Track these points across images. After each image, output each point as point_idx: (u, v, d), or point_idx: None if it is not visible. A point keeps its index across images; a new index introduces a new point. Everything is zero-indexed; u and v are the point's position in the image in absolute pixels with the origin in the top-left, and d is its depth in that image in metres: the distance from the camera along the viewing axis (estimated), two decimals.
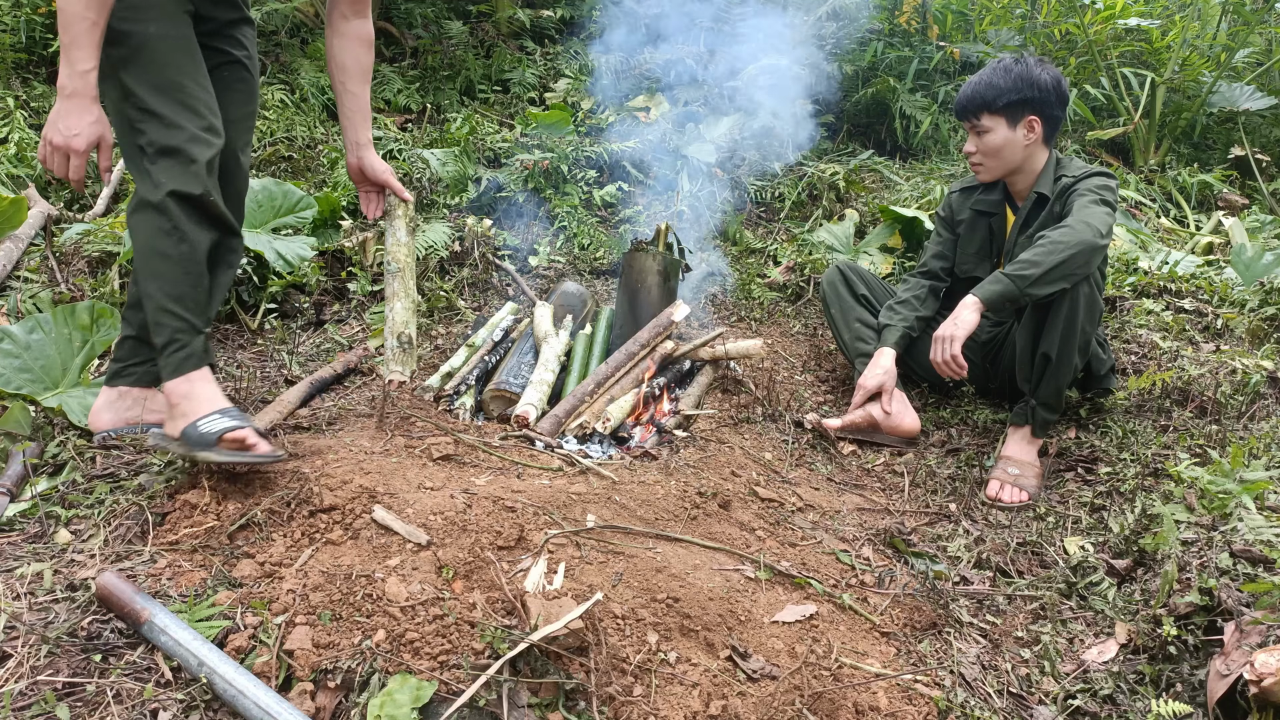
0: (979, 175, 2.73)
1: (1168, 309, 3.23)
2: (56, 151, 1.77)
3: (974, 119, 2.62)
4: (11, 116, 3.99)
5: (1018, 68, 2.56)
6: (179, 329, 1.85)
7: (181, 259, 1.85)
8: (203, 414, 1.81)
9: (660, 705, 1.41)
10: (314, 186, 3.97)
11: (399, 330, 2.42)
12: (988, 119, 2.59)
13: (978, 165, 2.70)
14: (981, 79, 2.60)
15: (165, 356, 1.86)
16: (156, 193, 1.81)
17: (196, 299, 1.88)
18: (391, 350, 2.43)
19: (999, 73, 2.57)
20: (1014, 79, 2.54)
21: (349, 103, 2.29)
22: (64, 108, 1.75)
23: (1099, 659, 1.73)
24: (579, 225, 4.03)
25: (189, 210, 1.85)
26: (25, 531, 1.79)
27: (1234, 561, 1.74)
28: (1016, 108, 2.56)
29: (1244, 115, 5.15)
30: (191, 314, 1.87)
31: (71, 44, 1.71)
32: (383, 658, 1.41)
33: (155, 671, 1.41)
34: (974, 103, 2.60)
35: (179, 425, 1.82)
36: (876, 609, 1.86)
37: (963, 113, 2.65)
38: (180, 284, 1.85)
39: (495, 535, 1.71)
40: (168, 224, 1.83)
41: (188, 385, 1.85)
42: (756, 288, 3.74)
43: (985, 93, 2.57)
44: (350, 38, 2.22)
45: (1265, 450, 2.22)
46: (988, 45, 5.15)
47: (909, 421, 2.70)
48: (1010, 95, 2.54)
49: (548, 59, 5.44)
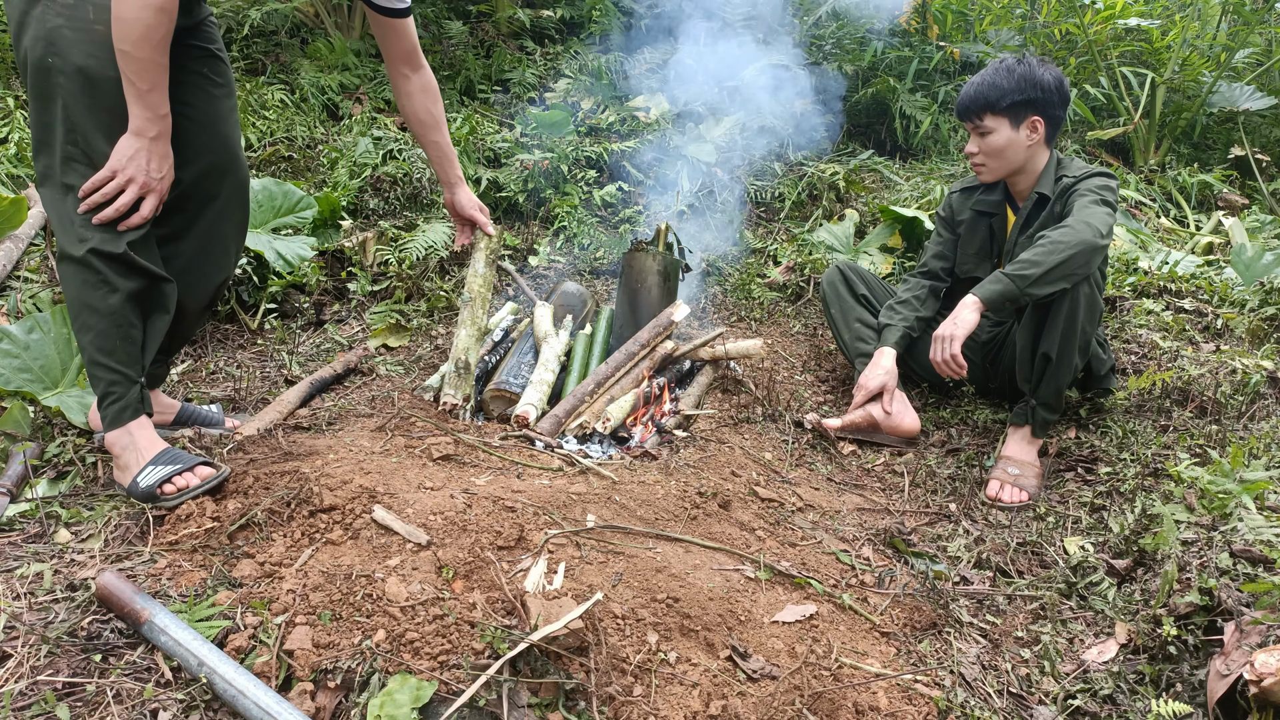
0: (981, 176, 2.72)
1: (1168, 309, 3.23)
2: (134, 187, 1.78)
3: (976, 120, 2.61)
4: (11, 116, 3.99)
5: (1020, 68, 2.55)
6: (113, 381, 1.84)
7: (110, 312, 1.82)
8: (141, 465, 1.84)
9: (660, 705, 1.41)
10: (314, 186, 3.97)
11: (458, 355, 2.55)
12: (990, 120, 2.58)
13: (980, 166, 2.69)
14: (984, 79, 2.58)
15: (103, 409, 1.86)
16: (79, 248, 1.78)
17: (129, 351, 1.85)
18: (447, 375, 2.56)
19: (1001, 73, 2.56)
20: (1017, 79, 2.53)
21: (433, 151, 2.47)
22: (151, 149, 1.78)
23: (1099, 659, 1.73)
24: (579, 225, 4.03)
25: (114, 264, 1.81)
26: (25, 531, 1.79)
27: (1234, 561, 1.74)
28: (1019, 108, 2.55)
29: (1244, 115, 5.15)
30: (124, 366, 1.85)
31: (151, 89, 1.73)
32: (383, 658, 1.41)
33: (155, 671, 1.41)
34: (977, 103, 2.59)
35: (126, 477, 1.85)
36: (876, 609, 1.86)
37: (965, 113, 2.64)
38: (111, 337, 1.83)
39: (495, 535, 1.71)
40: (95, 277, 1.80)
41: (127, 436, 1.87)
42: (756, 288, 3.74)
43: (988, 93, 2.56)
44: (417, 94, 2.35)
45: (1265, 450, 2.22)
46: (988, 45, 5.15)
47: (909, 421, 2.70)
48: (1014, 96, 2.53)
49: (548, 59, 5.44)
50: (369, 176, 3.95)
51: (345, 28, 5.17)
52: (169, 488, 1.83)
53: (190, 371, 2.83)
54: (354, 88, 4.87)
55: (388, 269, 3.50)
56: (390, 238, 3.67)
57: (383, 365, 2.95)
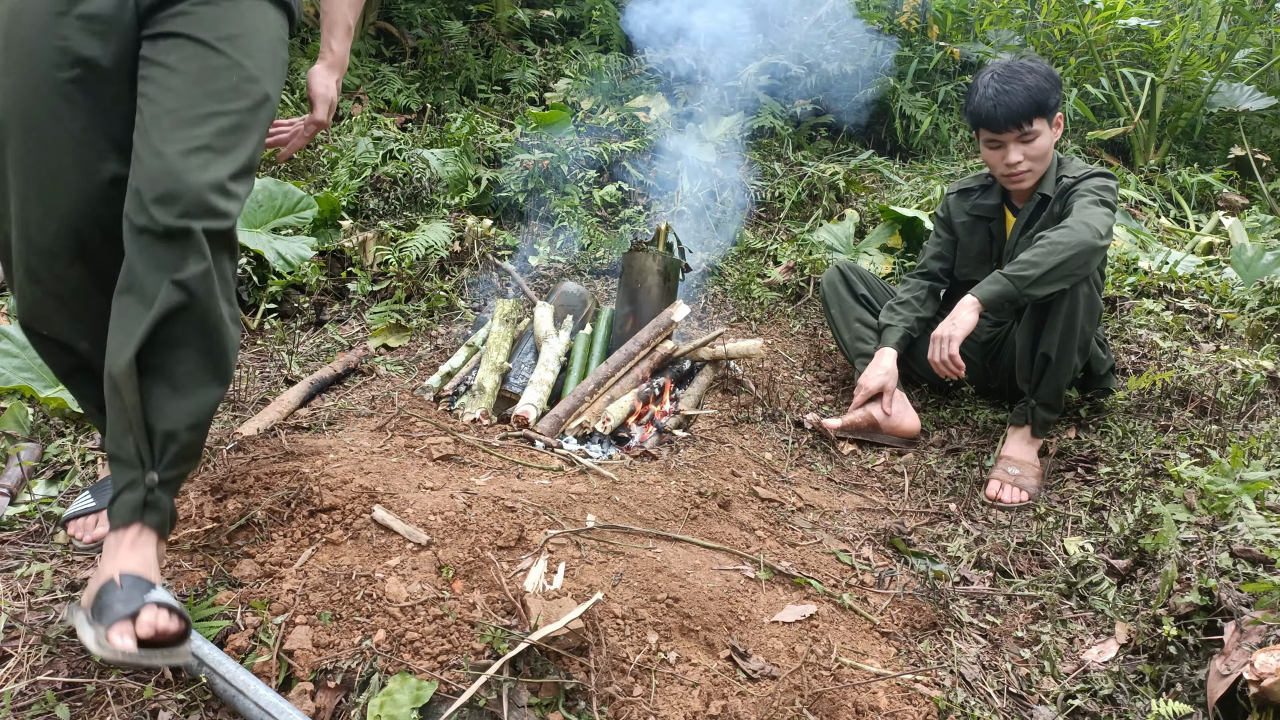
0: (1024, 183, 2.60)
1: (1168, 309, 3.23)
2: None
3: (1026, 126, 2.47)
4: None
5: (1038, 65, 2.48)
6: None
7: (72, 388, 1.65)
8: None
9: (660, 705, 1.41)
10: (314, 186, 3.97)
11: (480, 381, 2.67)
12: (1039, 123, 2.48)
13: (1025, 173, 2.55)
14: (1023, 83, 2.44)
15: None
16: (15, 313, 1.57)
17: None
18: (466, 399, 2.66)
19: (1029, 75, 2.45)
20: (1046, 77, 2.46)
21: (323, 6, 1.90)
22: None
23: (1099, 659, 1.73)
24: (579, 225, 4.03)
25: (33, 338, 1.59)
26: (25, 531, 1.79)
27: (1234, 561, 1.74)
28: (1055, 108, 2.50)
29: (1244, 115, 5.15)
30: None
31: None
32: (383, 658, 1.41)
33: (155, 671, 1.41)
34: (1029, 109, 2.44)
35: None
36: (876, 609, 1.86)
37: (1014, 122, 2.46)
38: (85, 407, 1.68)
39: (495, 535, 1.71)
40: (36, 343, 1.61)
41: None
42: (756, 288, 3.74)
43: (1037, 96, 2.44)
44: None
45: (1265, 450, 2.22)
46: (988, 45, 5.15)
47: (909, 422, 2.70)
48: (1054, 94, 2.48)
49: (548, 59, 5.44)
50: (369, 176, 3.95)
51: None
52: None
53: None
54: (354, 87, 4.87)
55: (388, 269, 3.50)
56: (390, 238, 3.67)
57: (383, 365, 2.95)
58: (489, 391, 2.64)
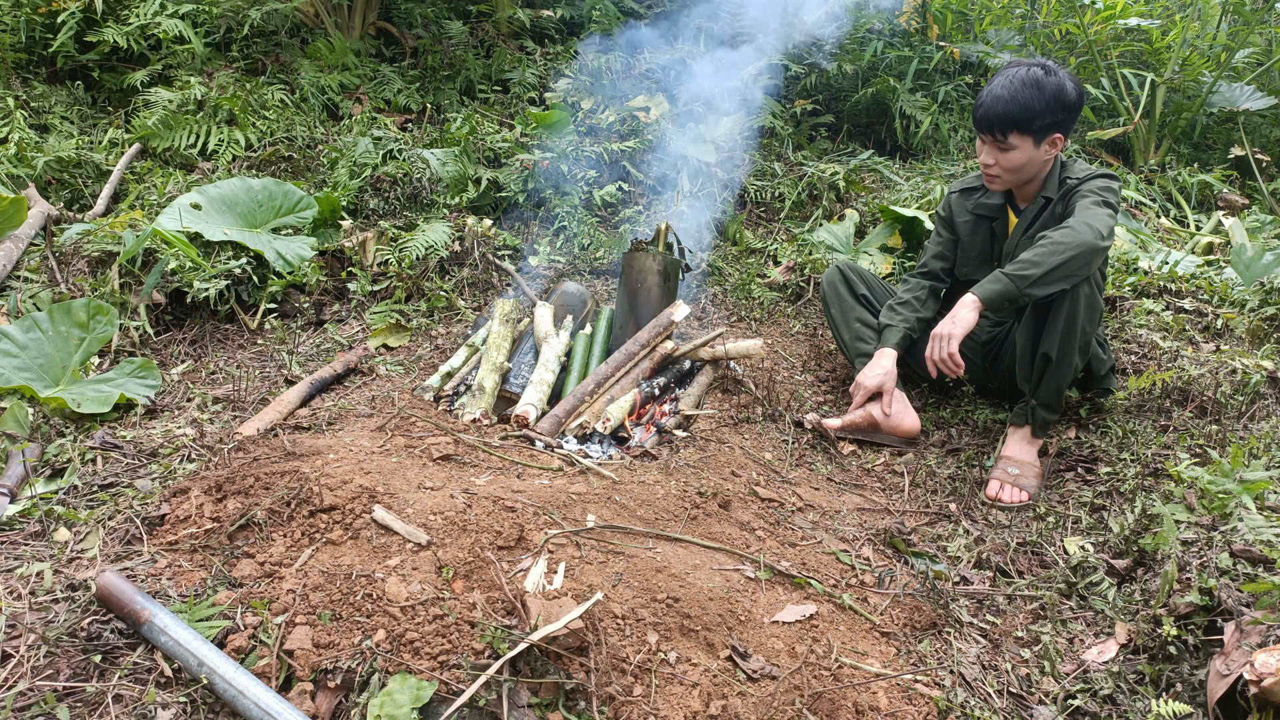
0: (991, 185, 2.63)
1: (1168, 309, 3.23)
2: None
3: (999, 136, 2.47)
4: (11, 116, 3.99)
5: (1050, 82, 2.40)
6: None
7: None
8: None
9: (660, 705, 1.41)
10: (314, 186, 3.97)
11: (479, 381, 2.66)
12: (1015, 138, 2.47)
13: (993, 178, 2.59)
14: (1013, 97, 2.40)
15: None
16: None
17: None
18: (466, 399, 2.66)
19: (1031, 90, 2.40)
20: (1049, 100, 2.39)
21: None
22: None
23: (1099, 659, 1.73)
24: (579, 225, 4.03)
25: None
26: (25, 531, 1.79)
27: (1234, 561, 1.74)
28: (1048, 129, 2.46)
29: (1244, 115, 5.15)
30: None
31: None
32: (383, 658, 1.40)
33: (155, 671, 1.41)
34: (1004, 121, 2.43)
35: None
36: (876, 609, 1.86)
37: (988, 128, 2.47)
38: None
39: (495, 535, 1.71)
40: None
41: None
42: (756, 288, 3.74)
43: (1019, 114, 2.41)
44: None
45: (1265, 450, 2.22)
46: (988, 45, 5.15)
47: (909, 422, 2.70)
48: (1045, 118, 2.42)
49: (548, 59, 5.44)
50: (369, 176, 3.95)
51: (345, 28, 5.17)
52: None
53: (190, 372, 2.83)
54: (354, 87, 4.87)
55: (388, 269, 3.50)
56: (390, 238, 3.67)
57: (383, 365, 2.95)
58: (489, 391, 2.64)
